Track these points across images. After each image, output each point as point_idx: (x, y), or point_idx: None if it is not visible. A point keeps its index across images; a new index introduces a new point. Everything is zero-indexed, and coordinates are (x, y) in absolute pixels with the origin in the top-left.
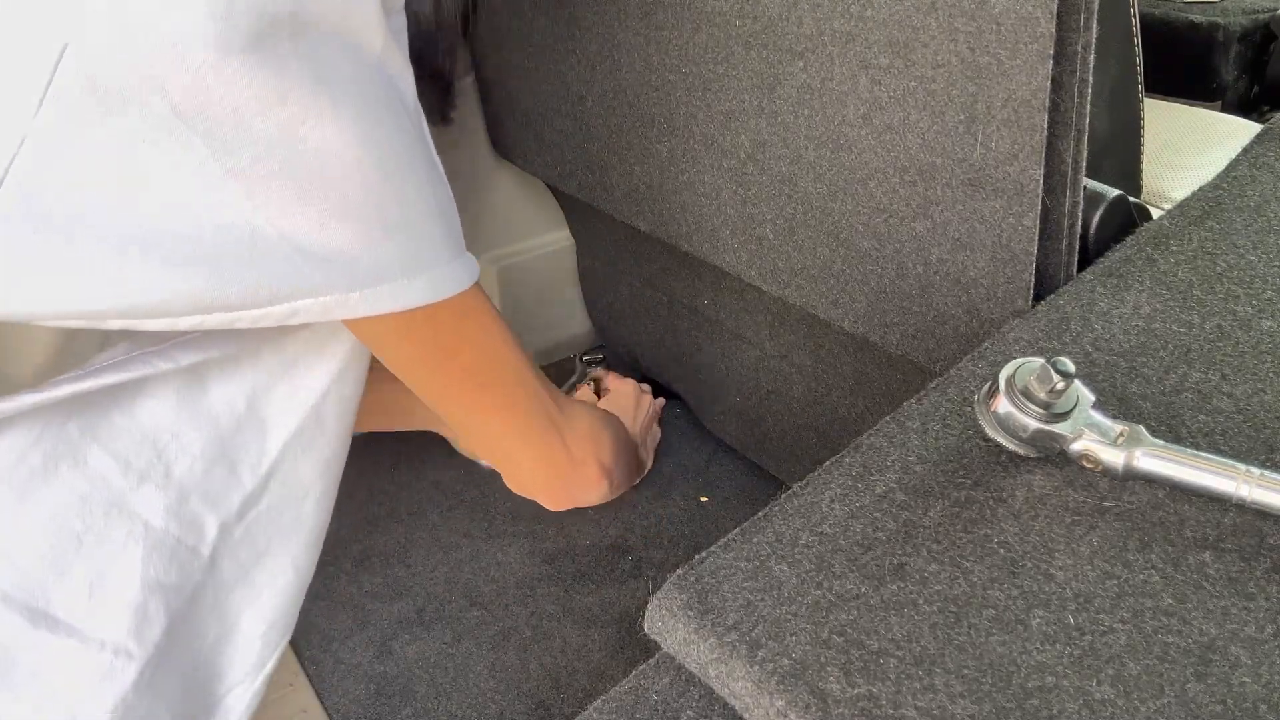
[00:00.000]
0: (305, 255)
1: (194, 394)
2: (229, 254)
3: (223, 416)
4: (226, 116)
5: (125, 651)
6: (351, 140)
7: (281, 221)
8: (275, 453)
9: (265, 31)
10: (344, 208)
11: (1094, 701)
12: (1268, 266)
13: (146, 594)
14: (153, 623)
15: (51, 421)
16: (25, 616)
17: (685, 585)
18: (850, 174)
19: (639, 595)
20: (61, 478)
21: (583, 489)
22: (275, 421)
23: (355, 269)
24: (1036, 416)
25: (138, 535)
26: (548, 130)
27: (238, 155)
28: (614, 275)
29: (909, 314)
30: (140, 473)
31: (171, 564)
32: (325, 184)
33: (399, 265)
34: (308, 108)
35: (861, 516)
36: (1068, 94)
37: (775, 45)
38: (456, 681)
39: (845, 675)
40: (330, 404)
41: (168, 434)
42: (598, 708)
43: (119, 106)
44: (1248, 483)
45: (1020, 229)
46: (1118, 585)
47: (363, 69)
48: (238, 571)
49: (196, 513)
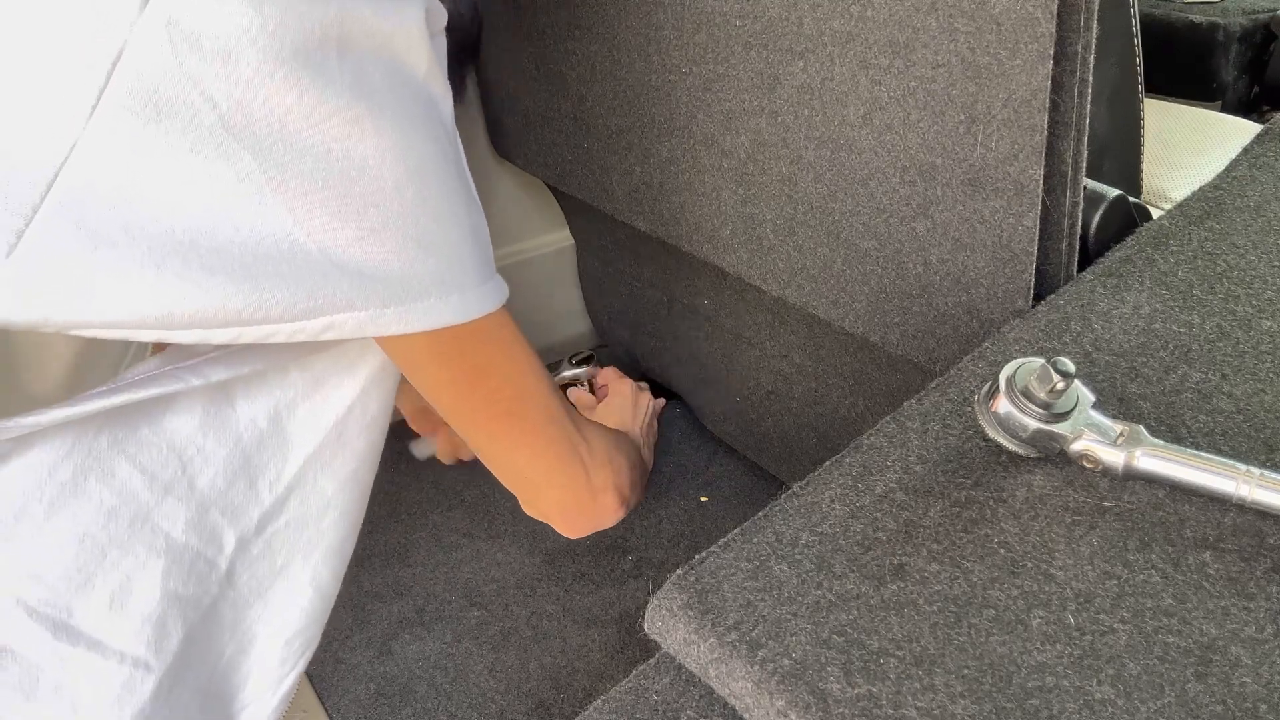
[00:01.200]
0: (343, 270)
1: (220, 408)
2: (269, 266)
3: (246, 432)
4: (274, 130)
5: (144, 664)
6: (393, 158)
7: (322, 235)
8: (295, 469)
9: (313, 47)
10: (383, 224)
11: (1094, 701)
12: (1268, 266)
13: (166, 606)
14: (170, 636)
15: (82, 435)
16: (49, 629)
17: (685, 585)
18: (850, 174)
19: (639, 595)
20: (90, 491)
21: (601, 517)
22: (298, 438)
23: (390, 285)
24: (1036, 416)
25: (159, 548)
26: (548, 130)
27: (284, 169)
28: (614, 275)
29: (909, 314)
30: (165, 485)
31: (190, 576)
32: (366, 199)
33: (433, 283)
34: (353, 123)
35: (861, 516)
36: (1068, 94)
37: (775, 45)
38: (456, 681)
39: (845, 675)
40: (353, 421)
41: (193, 447)
42: (598, 708)
43: (169, 116)
44: (1248, 483)
45: (1020, 229)
46: (1118, 585)
47: (407, 89)
48: (255, 586)
49: (216, 525)
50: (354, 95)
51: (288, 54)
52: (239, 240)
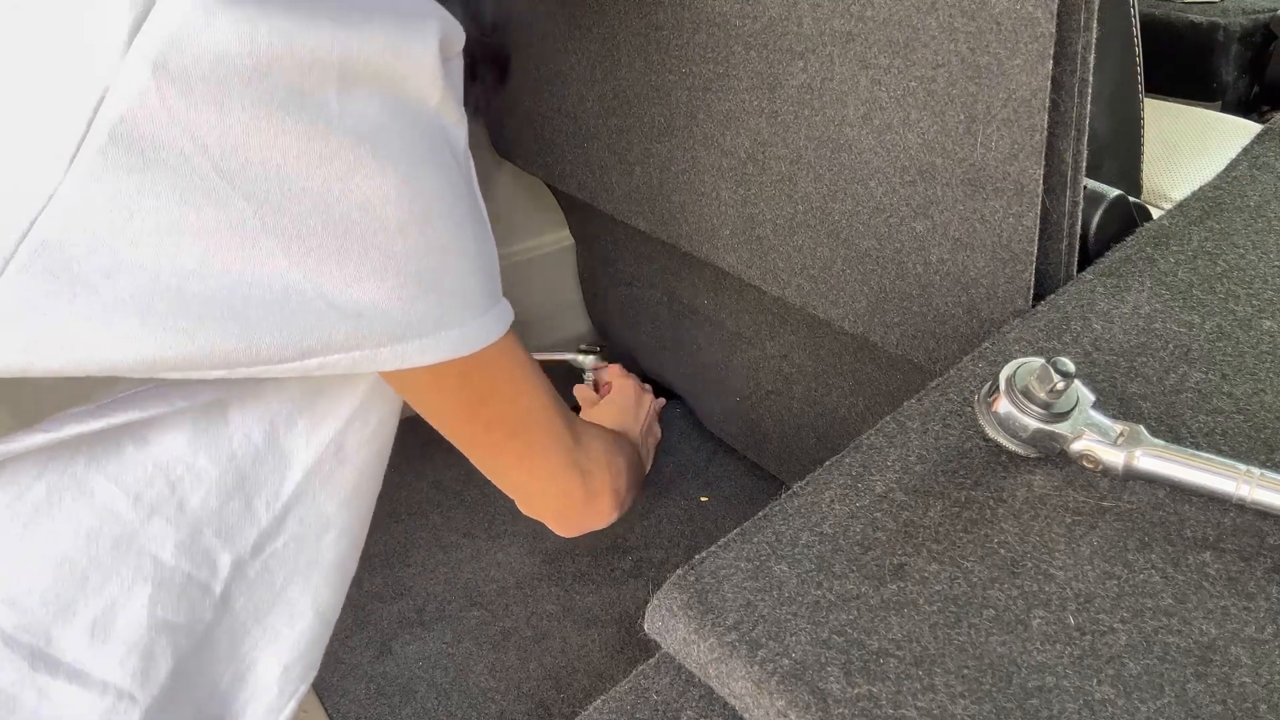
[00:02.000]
0: (339, 311)
1: (212, 424)
2: (260, 309)
3: (240, 448)
4: (270, 173)
5: (129, 695)
6: (396, 197)
7: (319, 276)
8: (294, 486)
9: (310, 87)
10: (384, 264)
11: (1094, 701)
12: (1268, 266)
13: (153, 634)
14: (158, 665)
15: (57, 454)
16: (26, 658)
17: (685, 585)
18: (850, 174)
19: (639, 595)
20: (66, 511)
21: (595, 519)
22: (296, 453)
23: (387, 324)
24: (1036, 416)
25: (146, 572)
26: (548, 130)
27: (280, 212)
28: (614, 275)
29: (909, 314)
30: (151, 505)
31: (181, 602)
32: (367, 240)
33: (432, 321)
34: (355, 164)
35: (861, 516)
36: (1068, 94)
37: (775, 45)
38: (456, 681)
39: (845, 675)
40: (353, 434)
41: (182, 465)
42: (598, 708)
43: (156, 164)
44: (1248, 483)
45: (1020, 229)
46: (1118, 585)
47: (416, 124)
48: (253, 611)
49: (209, 548)
50: (356, 136)
51: (282, 95)
52: (229, 284)
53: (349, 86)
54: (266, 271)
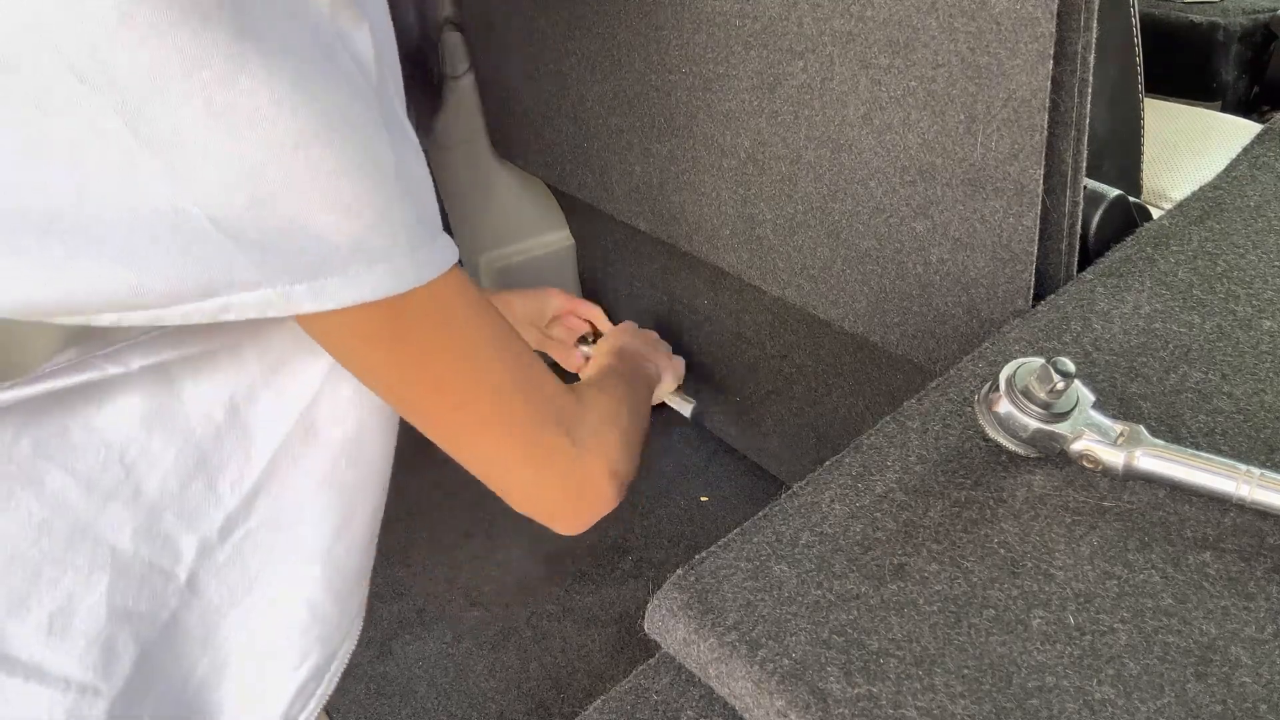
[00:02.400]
0: (238, 242)
1: (165, 400)
2: (146, 241)
3: (199, 425)
4: (140, 81)
5: (91, 689)
6: (290, 106)
7: (209, 203)
8: (261, 466)
9: None
10: (284, 185)
11: (1094, 701)
12: (1268, 266)
13: (114, 625)
14: (121, 656)
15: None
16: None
17: (685, 585)
18: (850, 174)
19: (639, 595)
20: (16, 503)
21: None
22: (261, 431)
23: (298, 258)
24: (1036, 416)
25: (103, 561)
26: (548, 130)
27: (155, 125)
28: (614, 275)
29: (909, 314)
30: (106, 492)
31: (142, 590)
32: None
33: (352, 253)
34: (237, 67)
35: (861, 516)
36: (1068, 94)
37: (775, 45)
38: (456, 681)
39: (845, 675)
40: (322, 408)
41: (135, 446)
42: (598, 708)
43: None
44: (1248, 483)
45: (1020, 229)
46: (1118, 585)
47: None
48: (227, 595)
49: (170, 532)
50: (236, 34)
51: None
52: (111, 212)
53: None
54: (151, 198)
